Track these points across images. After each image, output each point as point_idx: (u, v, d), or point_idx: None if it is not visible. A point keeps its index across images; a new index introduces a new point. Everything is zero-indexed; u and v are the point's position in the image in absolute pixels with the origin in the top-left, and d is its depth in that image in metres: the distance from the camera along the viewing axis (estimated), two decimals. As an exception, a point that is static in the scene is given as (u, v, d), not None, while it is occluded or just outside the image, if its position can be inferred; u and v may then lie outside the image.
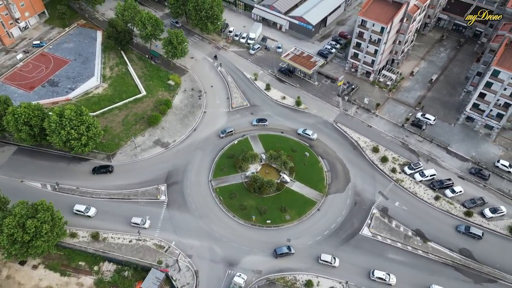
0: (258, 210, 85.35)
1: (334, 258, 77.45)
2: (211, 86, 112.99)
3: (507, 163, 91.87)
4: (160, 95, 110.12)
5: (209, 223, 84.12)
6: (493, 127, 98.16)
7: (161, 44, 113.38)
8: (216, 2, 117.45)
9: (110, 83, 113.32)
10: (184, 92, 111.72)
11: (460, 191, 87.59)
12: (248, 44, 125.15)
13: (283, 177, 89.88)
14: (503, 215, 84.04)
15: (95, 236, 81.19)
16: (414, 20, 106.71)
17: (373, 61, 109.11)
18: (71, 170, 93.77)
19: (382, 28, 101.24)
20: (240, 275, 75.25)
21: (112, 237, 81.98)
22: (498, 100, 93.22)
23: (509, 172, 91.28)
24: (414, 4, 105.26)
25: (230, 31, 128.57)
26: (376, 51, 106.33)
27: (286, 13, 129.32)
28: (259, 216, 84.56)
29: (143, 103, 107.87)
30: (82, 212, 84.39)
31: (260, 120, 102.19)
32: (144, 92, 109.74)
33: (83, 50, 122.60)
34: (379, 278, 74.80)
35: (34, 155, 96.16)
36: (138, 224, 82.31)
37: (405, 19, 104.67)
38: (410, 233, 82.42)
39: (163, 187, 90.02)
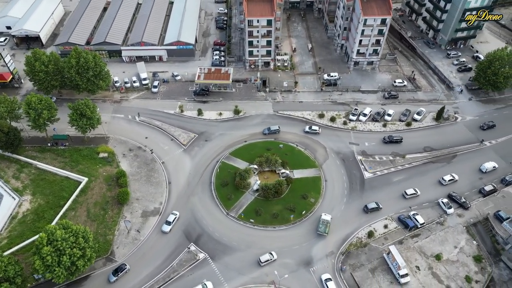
0: (288, 210, 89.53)
1: (415, 190, 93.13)
2: (146, 138, 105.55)
3: (400, 80, 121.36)
4: (103, 172, 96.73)
5: (261, 245, 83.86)
6: (373, 61, 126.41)
7: (69, 122, 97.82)
8: (97, 57, 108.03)
9: (33, 192, 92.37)
10: (125, 157, 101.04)
11: (393, 112, 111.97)
12: (145, 85, 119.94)
13: (283, 172, 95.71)
14: (425, 113, 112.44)
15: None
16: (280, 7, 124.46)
17: (268, 51, 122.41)
18: (78, 298, 76.13)
19: (269, 21, 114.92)
20: (325, 214, 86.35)
21: (191, 322, 73.06)
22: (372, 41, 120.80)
23: (404, 85, 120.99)
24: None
25: (116, 82, 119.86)
26: (269, 42, 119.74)
27: (159, 44, 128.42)
28: (294, 213, 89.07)
29: (93, 189, 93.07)
30: None
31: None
32: (85, 178, 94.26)
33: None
34: (450, 180, 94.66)
35: (16, 315, 73.16)
36: (269, 260, 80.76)
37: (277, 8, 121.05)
38: (391, 157, 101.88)
39: (193, 247, 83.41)
